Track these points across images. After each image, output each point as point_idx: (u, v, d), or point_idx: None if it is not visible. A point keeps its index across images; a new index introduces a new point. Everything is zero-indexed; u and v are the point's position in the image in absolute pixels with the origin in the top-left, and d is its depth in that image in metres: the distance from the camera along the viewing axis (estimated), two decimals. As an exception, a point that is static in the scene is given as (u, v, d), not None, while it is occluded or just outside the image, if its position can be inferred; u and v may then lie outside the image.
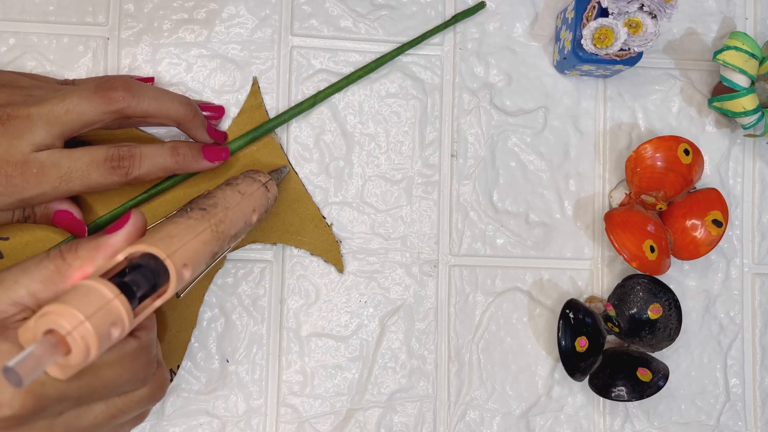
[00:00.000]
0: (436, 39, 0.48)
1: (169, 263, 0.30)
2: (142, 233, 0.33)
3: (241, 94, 0.46)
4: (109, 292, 0.28)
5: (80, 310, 0.27)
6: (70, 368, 0.27)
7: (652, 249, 0.44)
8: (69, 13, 0.45)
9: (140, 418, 0.35)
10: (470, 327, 0.47)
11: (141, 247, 0.30)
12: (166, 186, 0.43)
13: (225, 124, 0.45)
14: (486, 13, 0.48)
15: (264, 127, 0.45)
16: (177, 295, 0.43)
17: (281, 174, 0.44)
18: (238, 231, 0.37)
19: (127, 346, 0.31)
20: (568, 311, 0.45)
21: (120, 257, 0.30)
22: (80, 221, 0.40)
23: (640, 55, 0.44)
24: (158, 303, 0.31)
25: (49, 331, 0.26)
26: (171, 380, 0.44)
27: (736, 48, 0.45)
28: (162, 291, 0.31)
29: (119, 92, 0.36)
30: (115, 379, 0.31)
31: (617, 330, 0.46)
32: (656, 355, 0.47)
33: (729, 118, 0.49)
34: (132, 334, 0.32)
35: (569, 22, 0.45)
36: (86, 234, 0.41)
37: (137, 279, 0.29)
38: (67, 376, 0.28)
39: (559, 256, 0.48)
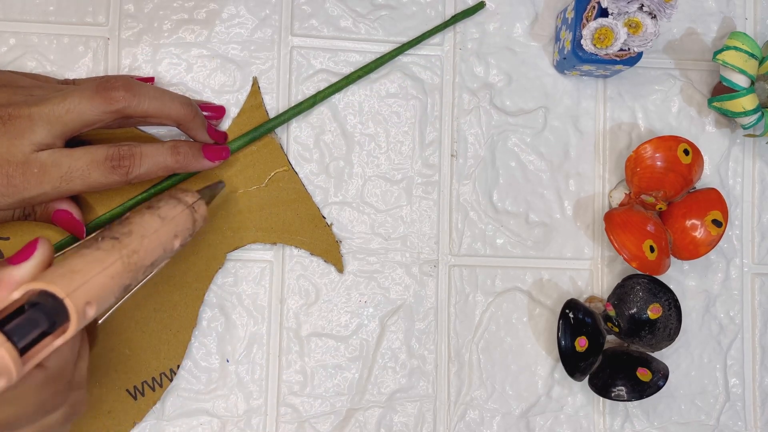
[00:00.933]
0: (435, 39, 0.48)
1: (68, 303, 0.28)
2: (49, 264, 0.31)
3: (241, 94, 0.46)
4: None
5: None
6: None
7: (651, 249, 0.44)
8: (69, 13, 0.45)
9: None
10: (470, 327, 0.47)
11: (39, 285, 0.28)
12: (167, 185, 0.43)
13: (225, 124, 0.45)
14: (486, 13, 0.48)
15: (264, 127, 0.45)
16: (95, 320, 0.40)
17: (215, 190, 0.41)
18: (155, 260, 0.35)
19: (30, 381, 0.29)
20: (568, 311, 0.45)
21: (17, 294, 0.28)
22: (79, 221, 0.40)
23: (640, 55, 0.44)
24: (58, 342, 0.29)
25: None
26: (171, 380, 0.44)
27: (735, 48, 0.46)
28: (62, 330, 0.29)
29: (120, 92, 0.36)
30: (17, 414, 0.29)
31: (617, 330, 0.46)
32: (656, 355, 0.47)
33: (729, 118, 0.49)
34: (39, 364, 0.30)
35: (569, 22, 0.45)
36: (84, 234, 0.41)
37: (31, 320, 0.27)
38: None
39: (559, 256, 0.48)
